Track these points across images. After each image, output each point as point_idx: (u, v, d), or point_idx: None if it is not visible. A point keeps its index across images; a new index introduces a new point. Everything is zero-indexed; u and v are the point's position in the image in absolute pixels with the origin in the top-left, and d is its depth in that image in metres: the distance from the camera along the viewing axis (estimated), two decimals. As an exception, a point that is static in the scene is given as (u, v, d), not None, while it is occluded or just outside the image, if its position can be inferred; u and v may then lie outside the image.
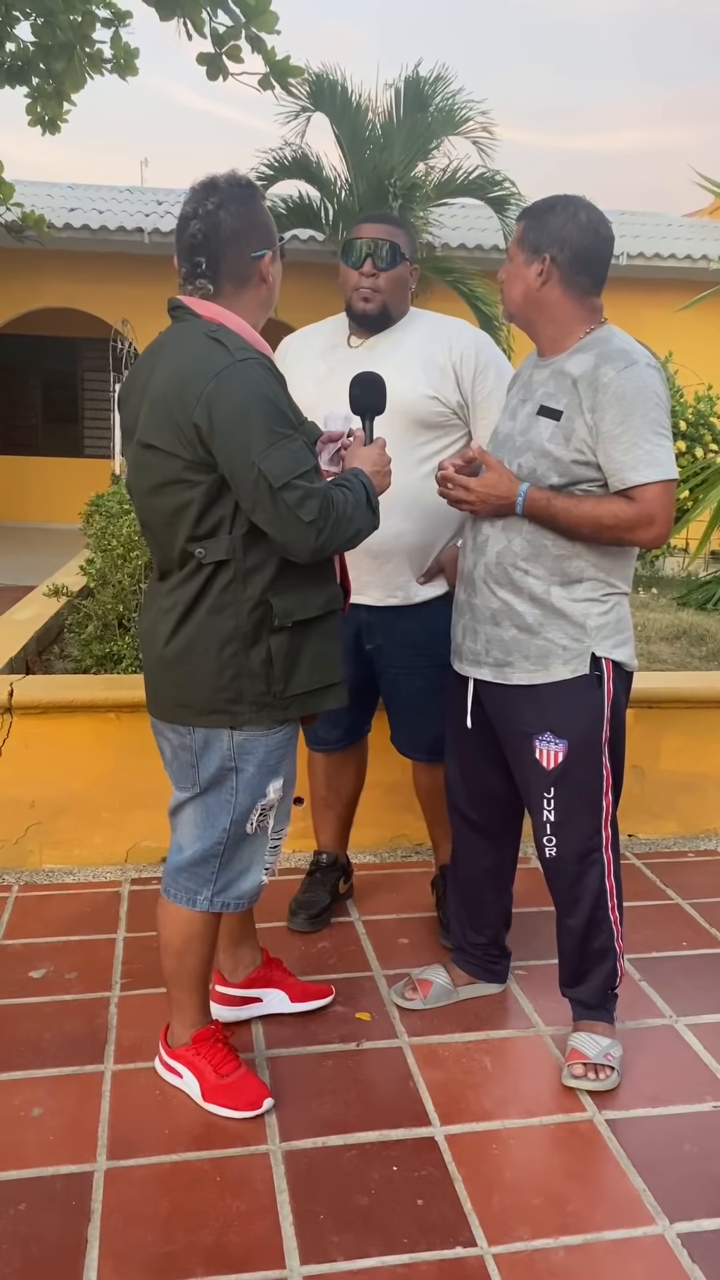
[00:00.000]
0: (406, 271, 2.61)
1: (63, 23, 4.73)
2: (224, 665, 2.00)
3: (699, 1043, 2.45)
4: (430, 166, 10.93)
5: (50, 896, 3.12)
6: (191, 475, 1.93)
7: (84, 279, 12.06)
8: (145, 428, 1.97)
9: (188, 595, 2.00)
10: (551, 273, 2.18)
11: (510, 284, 2.25)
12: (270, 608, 1.99)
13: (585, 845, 2.28)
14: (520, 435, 2.23)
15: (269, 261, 2.04)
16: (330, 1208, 1.92)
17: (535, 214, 2.22)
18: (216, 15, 4.64)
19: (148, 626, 2.11)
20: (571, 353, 2.20)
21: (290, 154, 10.92)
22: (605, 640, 2.23)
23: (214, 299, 2.00)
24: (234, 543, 1.96)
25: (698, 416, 8.13)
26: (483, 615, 2.29)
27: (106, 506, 4.46)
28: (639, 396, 2.11)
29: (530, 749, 2.27)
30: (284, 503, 1.87)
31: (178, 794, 2.16)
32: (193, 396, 1.88)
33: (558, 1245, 1.85)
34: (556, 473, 2.17)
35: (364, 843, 3.38)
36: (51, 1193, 1.94)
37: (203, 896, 2.14)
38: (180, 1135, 2.10)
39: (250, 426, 1.87)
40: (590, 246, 2.18)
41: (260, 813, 2.13)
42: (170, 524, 1.99)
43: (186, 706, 2.05)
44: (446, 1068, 2.34)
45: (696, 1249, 1.85)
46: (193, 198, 1.99)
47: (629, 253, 12.07)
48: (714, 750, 3.68)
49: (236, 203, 1.98)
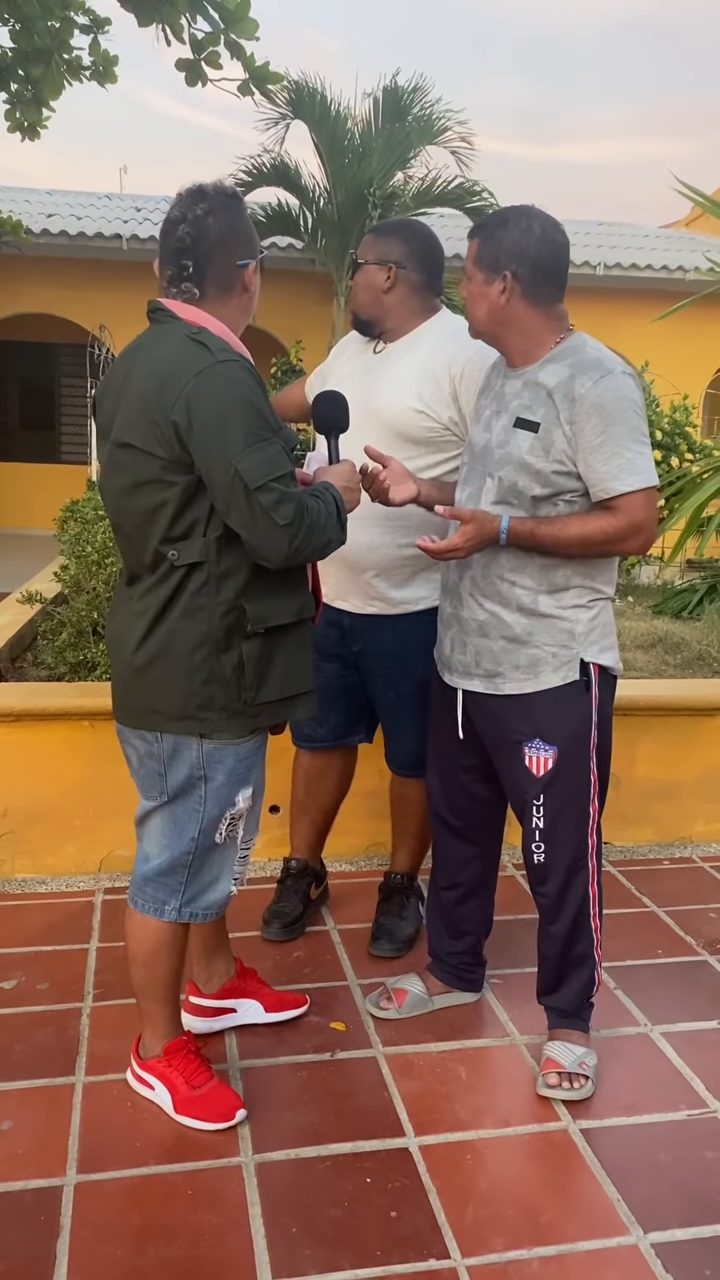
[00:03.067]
0: (372, 276, 2.56)
1: (40, 29, 4.72)
2: (195, 670, 1.98)
3: (674, 1051, 2.45)
4: (409, 176, 10.99)
5: (22, 906, 3.09)
6: (168, 475, 1.91)
7: (62, 285, 12.02)
8: (122, 426, 1.96)
9: (160, 599, 1.98)
10: (514, 289, 2.16)
11: (474, 303, 2.22)
12: (243, 612, 1.98)
13: (574, 851, 2.28)
14: (498, 448, 2.23)
15: (252, 271, 2.06)
16: (303, 1220, 1.90)
17: (488, 230, 2.20)
18: (196, 21, 4.64)
19: (117, 631, 2.09)
20: (544, 363, 2.20)
21: (269, 161, 10.94)
22: (593, 645, 2.24)
23: (197, 303, 2.00)
24: (208, 545, 1.94)
25: (674, 426, 8.20)
26: (470, 627, 2.29)
27: (82, 513, 4.44)
28: (617, 406, 2.11)
29: (520, 756, 2.26)
30: (259, 504, 1.86)
31: (145, 802, 2.14)
32: (173, 394, 1.87)
33: (531, 1256, 1.84)
34: (538, 484, 2.17)
35: (340, 851, 3.36)
36: (20, 1207, 1.92)
37: (170, 907, 2.12)
38: (152, 1148, 2.07)
39: (229, 426, 1.86)
40: (549, 257, 2.17)
41: (229, 822, 2.11)
42: (143, 525, 1.97)
43: (156, 712, 2.02)
44: (421, 1078, 2.33)
45: (670, 1259, 1.84)
46: (181, 203, 2.00)
47: (606, 263, 12.15)
48: (689, 757, 3.69)
49: (224, 211, 2.00)
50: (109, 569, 3.77)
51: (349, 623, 2.70)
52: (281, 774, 3.04)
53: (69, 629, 3.77)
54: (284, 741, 2.85)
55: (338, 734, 2.88)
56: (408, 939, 2.86)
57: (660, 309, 6.80)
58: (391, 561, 2.60)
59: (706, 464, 6.13)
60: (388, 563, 2.61)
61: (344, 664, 2.76)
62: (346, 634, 2.72)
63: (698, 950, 2.94)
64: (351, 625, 2.70)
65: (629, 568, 7.66)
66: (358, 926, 2.98)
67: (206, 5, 4.56)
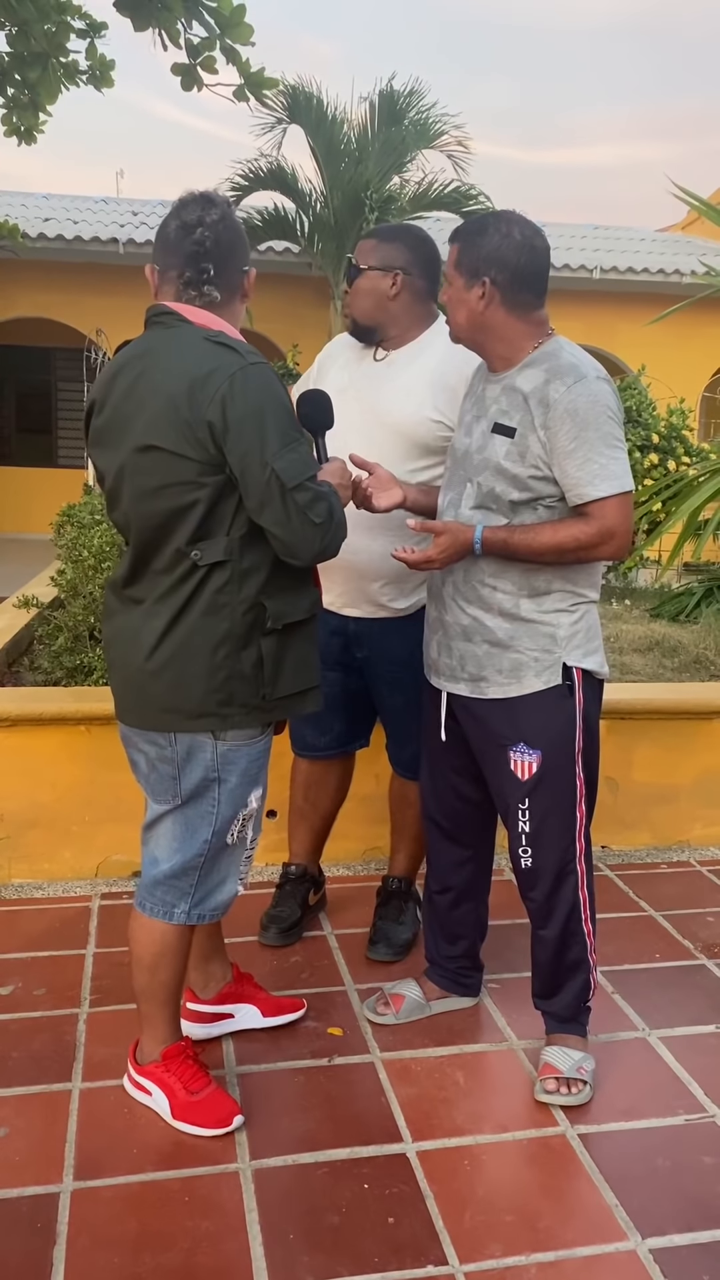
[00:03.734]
0: (376, 282, 2.54)
1: (37, 32, 4.72)
2: (217, 667, 1.99)
3: (671, 1055, 2.45)
4: (405, 180, 11.00)
5: (19, 911, 3.08)
6: (199, 477, 1.93)
7: (59, 289, 12.02)
8: (146, 429, 1.95)
9: (179, 599, 1.99)
10: (493, 295, 2.17)
11: (454, 309, 2.23)
12: (264, 609, 2.00)
13: (561, 856, 2.28)
14: (478, 453, 2.23)
15: (253, 277, 2.11)
16: (300, 1227, 1.90)
17: (468, 236, 2.20)
18: (191, 26, 4.64)
19: (121, 634, 2.08)
20: (521, 368, 2.20)
21: (266, 165, 10.96)
22: (576, 649, 2.24)
23: (213, 308, 2.03)
24: (232, 544, 1.97)
25: (670, 430, 8.19)
26: (454, 631, 2.29)
27: (78, 517, 4.44)
28: (590, 411, 2.11)
29: (505, 760, 2.27)
30: (295, 504, 1.90)
31: (155, 806, 2.13)
32: (207, 395, 1.89)
33: (529, 1262, 1.83)
34: (516, 489, 2.17)
35: (338, 856, 3.36)
36: (17, 1214, 1.91)
37: (180, 909, 2.11)
38: (149, 1154, 2.07)
39: (265, 427, 1.90)
40: (528, 264, 2.17)
41: (241, 823, 2.12)
42: (166, 526, 1.98)
43: (175, 712, 2.02)
44: (419, 1083, 2.32)
45: (669, 1265, 1.84)
46: (192, 208, 2.02)
47: (602, 266, 12.17)
48: (686, 761, 3.69)
49: (231, 218, 2.06)
50: (105, 573, 3.76)
51: (354, 628, 2.69)
52: (279, 779, 3.02)
53: (65, 634, 3.77)
54: (281, 746, 2.84)
55: (341, 742, 2.88)
56: (405, 944, 2.86)
57: (656, 312, 6.82)
58: (400, 570, 2.58)
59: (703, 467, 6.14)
60: (396, 572, 2.59)
61: (347, 671, 2.75)
62: (351, 640, 2.71)
63: (695, 954, 2.94)
64: (357, 630, 2.70)
65: (625, 571, 7.66)
66: (355, 931, 2.98)
67: (202, 10, 4.57)
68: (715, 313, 11.50)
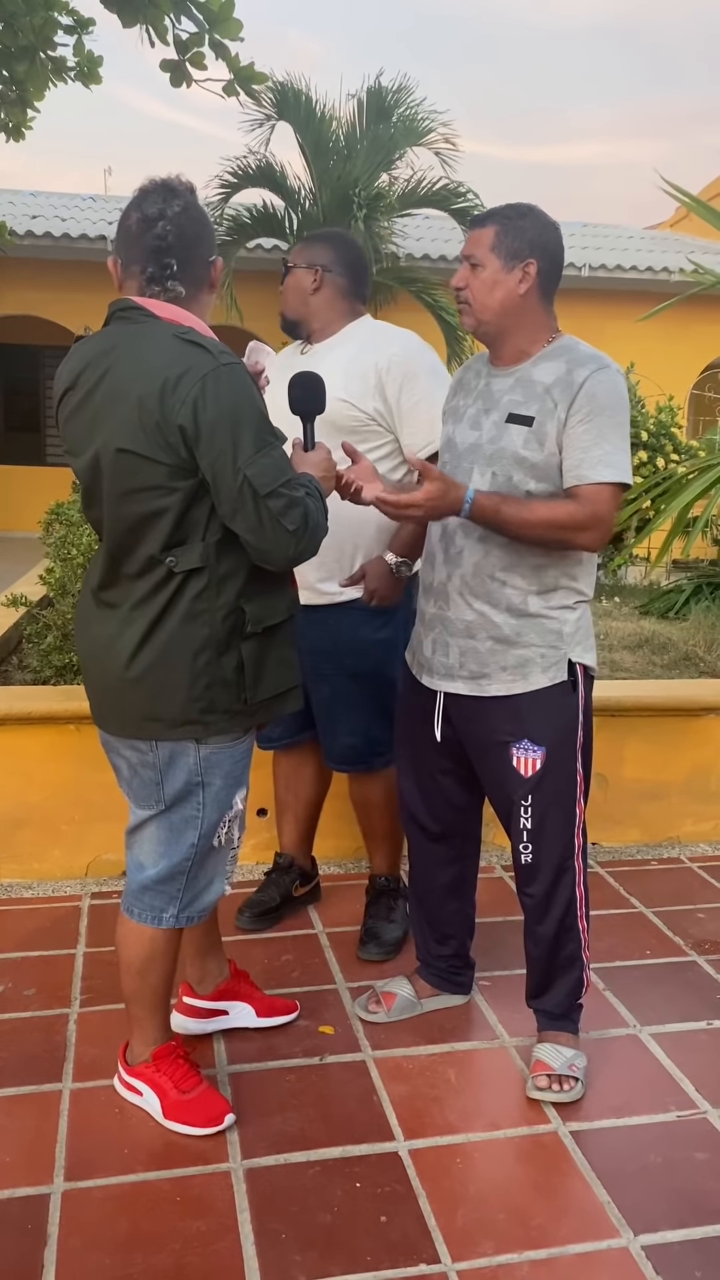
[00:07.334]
0: (300, 278, 2.66)
1: (24, 25, 4.69)
2: (198, 674, 1.96)
3: (663, 1052, 2.45)
4: (394, 177, 10.97)
5: (8, 911, 3.07)
6: (169, 481, 1.88)
7: (46, 287, 11.97)
8: (117, 431, 1.89)
9: (156, 606, 1.95)
10: (534, 280, 2.17)
11: (486, 291, 2.17)
12: (243, 614, 1.97)
13: (561, 851, 2.28)
14: (490, 444, 2.21)
15: (219, 267, 2.05)
16: (292, 1226, 1.89)
17: (508, 219, 2.17)
18: (179, 22, 4.63)
19: (97, 642, 2.04)
20: (536, 360, 2.19)
21: (255, 162, 10.91)
22: (578, 645, 2.25)
23: (179, 302, 1.97)
24: (208, 550, 1.92)
25: (659, 427, 8.20)
26: (456, 628, 2.27)
27: (67, 515, 4.41)
28: (609, 399, 2.12)
29: (507, 757, 2.26)
30: (268, 511, 1.85)
31: (138, 812, 2.11)
32: (178, 398, 1.84)
33: (522, 1260, 1.83)
34: (534, 478, 2.15)
35: (327, 853, 3.35)
36: (7, 1215, 1.90)
37: (169, 914, 2.10)
38: (140, 1154, 2.06)
39: (238, 432, 1.84)
40: (560, 256, 2.21)
41: (227, 825, 2.10)
42: (137, 531, 1.93)
43: (157, 720, 1.99)
44: (410, 1081, 2.32)
45: (661, 1261, 1.84)
46: (153, 199, 1.95)
47: (591, 264, 12.18)
48: (676, 758, 3.70)
49: (195, 207, 1.98)
50: (94, 571, 3.75)
51: None
52: (268, 778, 3.03)
53: (54, 632, 3.75)
54: (271, 744, 2.84)
55: (291, 732, 2.88)
56: (396, 942, 2.85)
57: (645, 309, 6.82)
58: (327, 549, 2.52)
59: (692, 465, 6.14)
60: (335, 562, 2.61)
61: None
62: None
63: (686, 951, 2.94)
64: None
65: (615, 568, 7.67)
66: (346, 929, 2.97)
67: (190, 6, 4.56)
68: (704, 310, 11.54)
